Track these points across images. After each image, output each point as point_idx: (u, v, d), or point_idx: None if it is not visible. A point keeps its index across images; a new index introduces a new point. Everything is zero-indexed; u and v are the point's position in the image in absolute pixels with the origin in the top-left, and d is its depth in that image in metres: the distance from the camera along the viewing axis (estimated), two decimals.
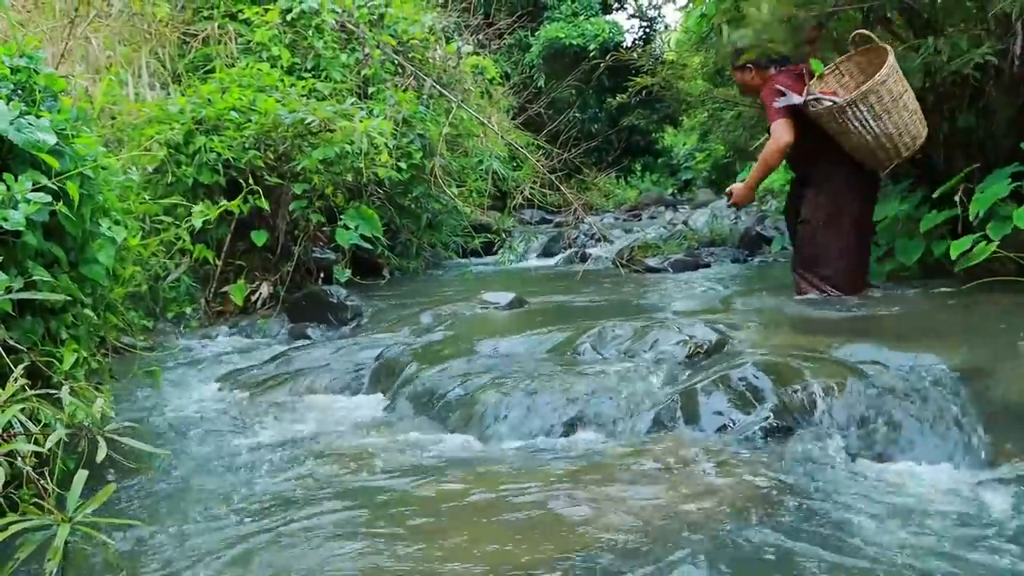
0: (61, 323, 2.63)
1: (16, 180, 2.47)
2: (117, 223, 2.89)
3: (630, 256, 8.22)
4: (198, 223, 4.23)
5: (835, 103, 4.70)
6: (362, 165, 6.38)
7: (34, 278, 2.48)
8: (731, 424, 2.85)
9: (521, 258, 10.01)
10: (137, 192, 3.79)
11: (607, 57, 8.67)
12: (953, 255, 4.77)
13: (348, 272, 6.87)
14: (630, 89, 8.31)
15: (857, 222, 5.14)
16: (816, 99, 4.79)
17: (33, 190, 2.47)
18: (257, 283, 6.60)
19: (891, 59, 4.69)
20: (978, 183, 5.72)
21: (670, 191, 28.07)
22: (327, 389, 3.94)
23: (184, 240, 4.41)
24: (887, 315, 4.38)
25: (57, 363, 2.55)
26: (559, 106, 22.04)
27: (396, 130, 7.75)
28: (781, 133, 4.93)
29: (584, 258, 9.48)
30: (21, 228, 2.34)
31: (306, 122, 6.23)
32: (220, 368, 4.72)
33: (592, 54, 19.61)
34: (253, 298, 6.54)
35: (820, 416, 2.81)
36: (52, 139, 2.55)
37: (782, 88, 4.95)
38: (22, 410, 1.99)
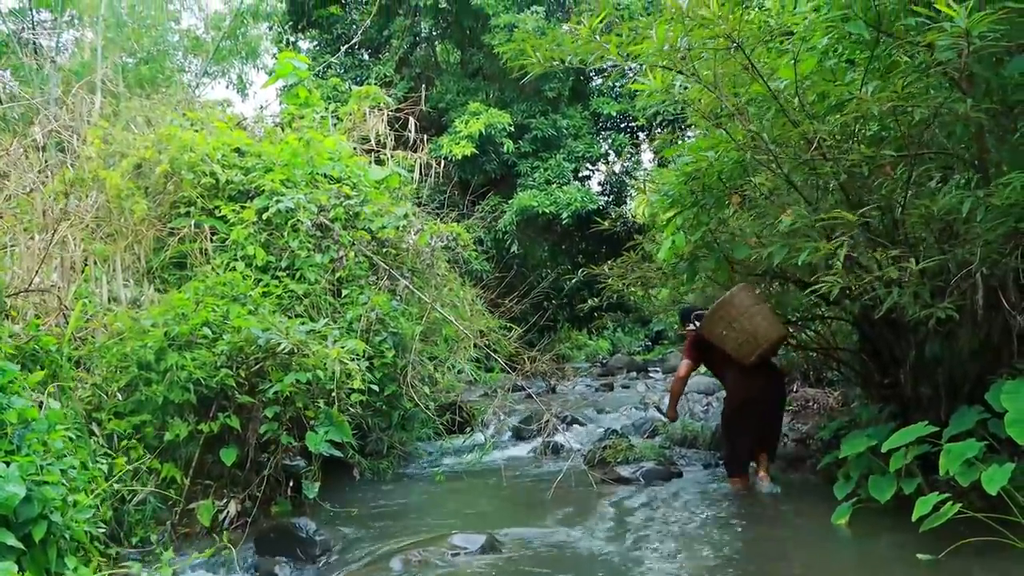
0: None
1: None
2: (86, 563, 2.84)
3: (601, 458, 8.21)
4: None
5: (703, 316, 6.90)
6: (334, 391, 6.39)
7: None
8: None
9: (494, 446, 9.92)
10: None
11: (579, 272, 8.86)
12: (915, 516, 4.79)
13: (316, 487, 6.81)
14: (603, 292, 8.45)
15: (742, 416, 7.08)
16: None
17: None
18: (225, 501, 6.50)
19: (739, 288, 6.73)
20: (945, 416, 5.80)
21: (643, 340, 28.26)
22: None
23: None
24: None
25: None
26: (532, 263, 22.37)
27: (369, 328, 7.79)
28: (680, 369, 7.37)
29: (556, 450, 9.44)
30: None
31: (279, 348, 6.25)
32: None
33: (565, 221, 19.99)
34: (221, 516, 6.43)
35: None
36: (21, 491, 2.52)
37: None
38: None
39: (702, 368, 7.70)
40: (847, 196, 5.79)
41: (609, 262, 8.20)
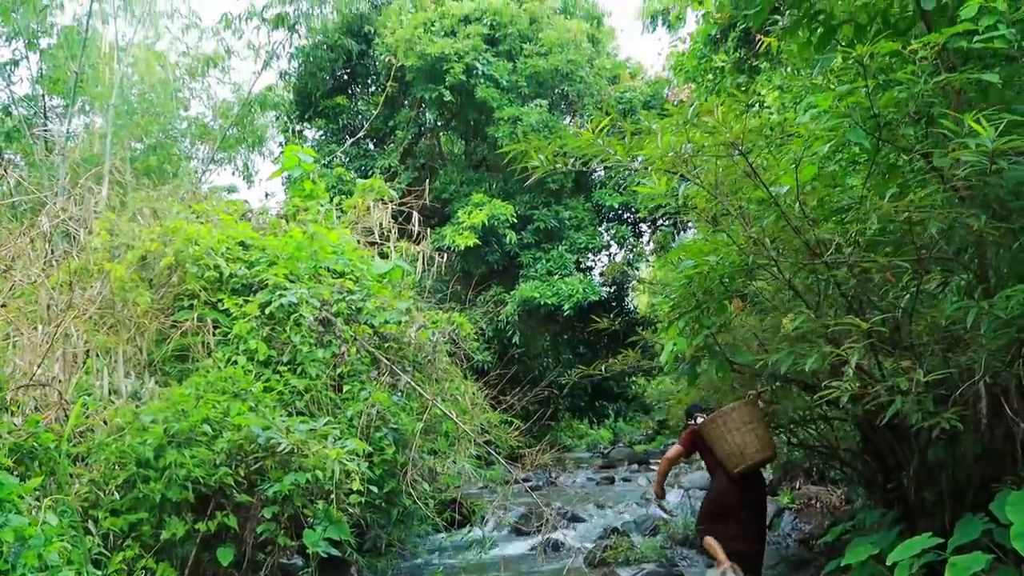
0: None
1: None
2: None
3: (602, 558, 8.13)
4: None
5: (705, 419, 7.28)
6: (332, 492, 6.35)
7: None
8: None
9: (493, 542, 9.79)
10: None
11: (574, 372, 8.93)
12: None
13: None
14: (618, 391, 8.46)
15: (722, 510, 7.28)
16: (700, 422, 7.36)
17: None
18: None
19: (743, 403, 7.07)
20: (950, 523, 5.74)
21: (643, 430, 28.10)
22: None
23: None
24: None
25: None
26: (533, 353, 22.33)
27: (370, 425, 7.75)
28: (669, 451, 7.73)
29: (556, 547, 9.34)
30: None
31: (279, 448, 6.22)
32: None
33: (567, 313, 19.96)
34: None
35: None
36: None
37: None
38: None
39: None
40: (847, 301, 5.82)
41: (610, 359, 8.22)
